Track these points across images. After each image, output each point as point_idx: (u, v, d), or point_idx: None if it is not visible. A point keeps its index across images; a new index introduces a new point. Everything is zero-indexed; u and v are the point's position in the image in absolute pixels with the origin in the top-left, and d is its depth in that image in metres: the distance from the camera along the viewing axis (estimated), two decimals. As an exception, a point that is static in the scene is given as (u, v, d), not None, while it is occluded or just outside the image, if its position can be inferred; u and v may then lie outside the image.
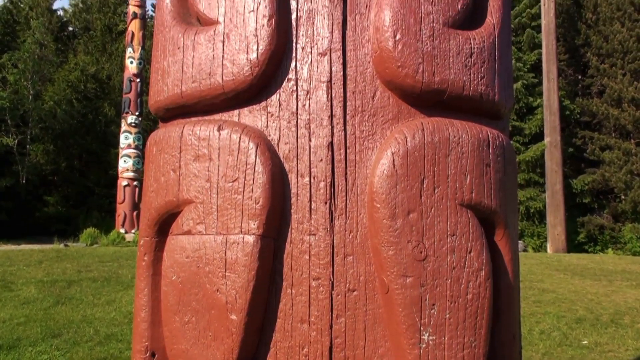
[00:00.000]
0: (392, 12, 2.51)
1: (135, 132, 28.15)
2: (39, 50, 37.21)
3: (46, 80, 38.75)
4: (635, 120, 29.35)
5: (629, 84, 29.70)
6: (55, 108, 37.10)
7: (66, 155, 38.13)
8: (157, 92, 2.77)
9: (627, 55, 30.21)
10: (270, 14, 2.55)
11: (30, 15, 41.30)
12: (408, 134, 2.44)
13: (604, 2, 31.98)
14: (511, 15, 3.14)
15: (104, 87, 40.78)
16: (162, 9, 2.85)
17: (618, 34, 30.38)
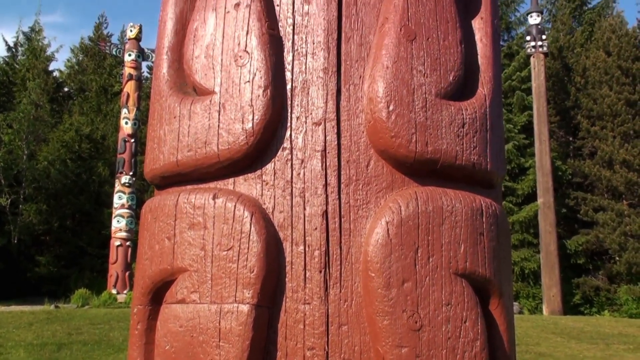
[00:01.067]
0: (386, 83, 2.57)
1: (128, 192, 28.16)
2: (34, 110, 37.53)
3: (41, 140, 38.95)
4: (627, 181, 29.58)
5: (619, 146, 30.05)
6: (49, 168, 37.18)
7: (59, 215, 37.99)
8: (153, 160, 2.79)
9: (616, 118, 30.68)
10: (266, 84, 2.60)
11: (27, 76, 41.79)
12: (402, 203, 2.45)
13: (592, 66, 32.65)
14: (502, 80, 3.21)
15: (98, 147, 40.98)
16: (159, 79, 2.90)
17: (607, 97, 30.92)
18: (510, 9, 38.65)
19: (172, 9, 3.03)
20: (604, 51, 32.60)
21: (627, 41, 32.24)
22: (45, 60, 44.43)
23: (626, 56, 31.57)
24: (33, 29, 45.94)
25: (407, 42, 2.64)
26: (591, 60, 33.11)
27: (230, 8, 2.75)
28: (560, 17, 37.21)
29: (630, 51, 31.73)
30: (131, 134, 29.26)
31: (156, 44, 3.05)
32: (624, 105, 30.56)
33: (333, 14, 2.73)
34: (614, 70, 31.46)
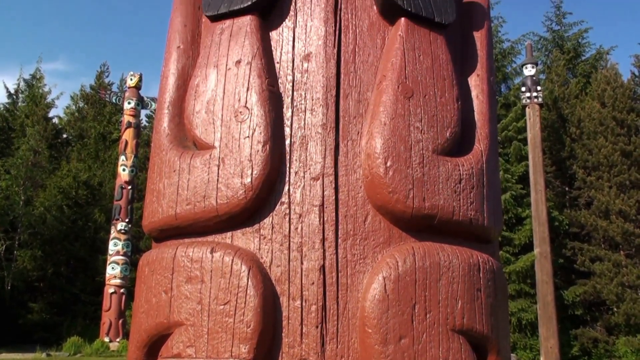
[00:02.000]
0: (383, 139, 2.60)
1: (124, 239, 28.02)
2: (32, 157, 37.62)
3: (38, 186, 38.94)
4: (624, 232, 29.55)
5: (615, 197, 30.11)
6: (46, 214, 37.06)
7: (54, 261, 37.72)
8: (152, 213, 2.80)
9: (612, 168, 30.82)
10: (265, 140, 2.63)
11: (26, 122, 42.00)
12: (399, 258, 2.46)
13: (587, 117, 32.94)
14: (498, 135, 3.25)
15: (95, 193, 40.95)
16: (159, 133, 2.93)
17: (602, 148, 31.11)
18: (507, 60, 39.16)
19: (174, 64, 3.09)
20: (598, 102, 32.92)
21: (621, 93, 32.58)
22: (45, 107, 44.72)
23: (621, 107, 31.86)
24: (34, 76, 46.39)
25: (405, 99, 2.69)
26: (586, 111, 33.41)
27: (232, 65, 2.81)
28: (555, 69, 37.68)
29: (625, 102, 32.04)
30: (128, 180, 29.28)
31: (157, 99, 3.10)
32: (619, 156, 30.72)
33: (332, 71, 2.79)
34: (609, 121, 31.71)
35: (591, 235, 32.17)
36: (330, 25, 2.88)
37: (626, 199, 30.28)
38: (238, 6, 2.89)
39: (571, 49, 39.73)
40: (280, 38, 2.92)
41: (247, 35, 2.85)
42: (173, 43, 3.18)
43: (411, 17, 2.86)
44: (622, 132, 31.61)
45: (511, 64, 39.13)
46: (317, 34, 2.87)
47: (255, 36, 2.84)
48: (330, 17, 2.90)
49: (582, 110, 34.10)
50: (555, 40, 40.62)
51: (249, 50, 2.81)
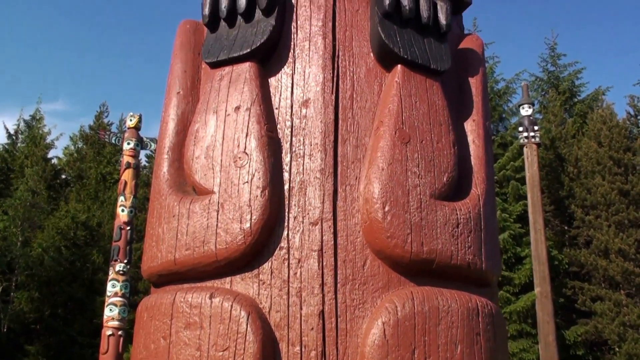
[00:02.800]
0: (381, 184, 2.63)
1: (122, 280, 27.74)
2: (31, 197, 37.59)
3: (36, 227, 38.82)
4: (624, 271, 29.42)
5: (614, 236, 30.06)
6: (43, 255, 36.86)
7: (51, 303, 37.40)
8: (151, 258, 2.81)
9: (610, 207, 30.82)
10: (264, 185, 2.65)
11: (26, 163, 42.06)
12: (398, 303, 2.47)
13: (584, 156, 33.08)
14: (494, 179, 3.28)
15: (93, 234, 40.82)
16: (159, 178, 2.96)
17: (600, 187, 31.17)
18: (503, 100, 39.46)
19: (174, 110, 3.13)
20: (595, 142, 33.11)
21: (617, 132, 32.79)
22: (44, 147, 44.86)
23: (617, 147, 32.03)
24: (34, 116, 46.62)
25: (402, 144, 2.72)
26: (583, 150, 33.58)
27: (231, 111, 2.85)
28: (551, 109, 37.97)
29: (621, 142, 32.23)
30: (127, 221, 29.13)
31: (157, 144, 3.14)
32: (617, 195, 30.77)
33: (330, 117, 2.83)
34: (606, 161, 31.84)
35: (591, 275, 32.04)
36: (328, 71, 2.94)
37: (625, 238, 30.22)
38: (237, 53, 2.95)
39: (567, 89, 40.12)
40: (279, 84, 2.97)
41: (247, 81, 2.90)
42: (173, 89, 3.23)
43: (407, 64, 2.91)
44: (619, 171, 31.71)
45: (507, 103, 39.45)
46: (315, 80, 2.93)
47: (255, 83, 2.89)
48: (328, 64, 2.95)
49: (579, 149, 34.27)
50: (550, 81, 41.03)
51: (248, 96, 2.86)
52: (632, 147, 32.48)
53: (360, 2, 3.14)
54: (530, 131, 29.30)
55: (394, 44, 2.90)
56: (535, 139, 29.26)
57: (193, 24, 3.40)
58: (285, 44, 3.05)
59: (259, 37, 2.94)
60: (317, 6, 3.10)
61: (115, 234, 28.89)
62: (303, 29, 3.06)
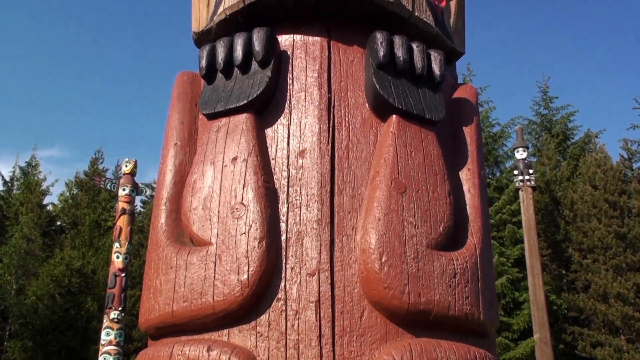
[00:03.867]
0: (378, 235, 2.63)
1: (117, 328, 27.39)
2: (25, 245, 37.38)
3: (30, 274, 38.51)
4: (624, 316, 29.21)
5: (612, 279, 29.94)
6: (37, 303, 36.50)
7: (44, 352, 36.86)
8: (148, 310, 2.80)
9: (607, 251, 30.76)
10: (261, 236, 2.66)
11: (20, 210, 41.93)
12: (396, 355, 2.45)
13: (580, 199, 33.16)
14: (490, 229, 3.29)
15: (88, 281, 40.48)
16: (156, 229, 2.96)
17: (596, 230, 31.16)
18: (498, 144, 39.72)
19: (172, 161, 3.15)
20: (590, 185, 33.22)
21: (612, 175, 32.94)
22: (39, 194, 44.78)
23: (612, 190, 32.15)
24: (30, 163, 46.71)
25: (398, 194, 2.74)
26: (578, 193, 33.68)
27: (228, 162, 2.87)
28: (545, 152, 38.19)
29: (616, 185, 32.35)
30: (122, 268, 28.91)
31: (155, 195, 3.15)
32: (614, 238, 30.74)
33: (326, 167, 2.85)
34: (602, 204, 31.91)
35: (591, 320, 31.79)
36: (324, 122, 2.97)
37: (623, 282, 30.09)
38: (234, 105, 2.98)
39: (560, 132, 40.43)
40: (276, 135, 3.00)
41: (243, 132, 2.92)
42: (170, 140, 3.25)
43: (402, 114, 2.94)
44: (615, 215, 31.75)
45: (502, 147, 39.68)
46: (311, 131, 2.95)
47: (251, 134, 2.92)
48: (324, 114, 2.99)
49: (574, 192, 34.37)
50: (544, 124, 41.38)
51: (245, 147, 2.88)
52: (627, 190, 32.59)
53: (355, 53, 3.20)
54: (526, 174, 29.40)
55: (389, 95, 2.94)
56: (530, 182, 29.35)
57: (190, 76, 3.44)
58: (282, 95, 3.09)
59: (256, 88, 2.98)
60: (313, 58, 3.15)
61: (110, 281, 28.63)
62: (299, 80, 3.11)
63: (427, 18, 3.29)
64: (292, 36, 3.24)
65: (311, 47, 3.18)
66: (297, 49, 3.19)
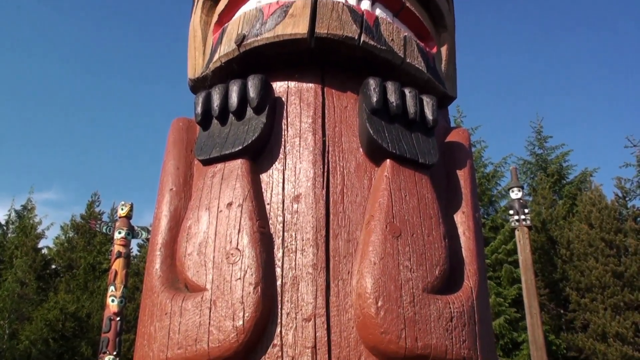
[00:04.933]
0: (374, 279, 2.63)
1: (111, 374, 27.13)
2: (19, 288, 37.08)
3: (24, 319, 38.12)
4: (623, 355, 28.94)
5: (611, 319, 29.76)
6: (31, 348, 36.03)
7: (37, 399, 36.31)
8: (142, 357, 2.77)
9: (605, 290, 30.64)
10: (257, 281, 2.65)
11: (15, 253, 41.71)
12: (394, 401, 2.43)
13: (576, 238, 33.13)
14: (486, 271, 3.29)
15: (82, 325, 40.06)
16: (151, 275, 2.95)
17: (594, 269, 31.08)
18: (492, 184, 39.84)
19: (167, 207, 3.16)
20: (586, 224, 33.25)
21: (607, 214, 32.99)
22: (35, 237, 44.60)
23: (608, 228, 32.17)
24: (25, 206, 46.62)
25: (393, 238, 2.75)
26: (574, 232, 33.68)
27: (223, 207, 2.88)
28: (541, 192, 38.30)
29: (612, 224, 32.38)
30: (117, 312, 28.71)
31: (150, 240, 3.15)
32: (611, 277, 30.65)
33: (321, 211, 2.86)
34: (598, 243, 31.89)
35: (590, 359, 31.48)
36: (319, 167, 2.99)
37: (622, 321, 29.91)
38: (229, 150, 3.01)
39: (555, 171, 40.58)
40: (271, 180, 3.02)
41: (238, 178, 2.94)
42: (166, 185, 3.27)
43: (396, 158, 2.97)
44: (611, 253, 31.71)
45: (496, 186, 39.79)
46: (306, 176, 2.98)
47: (246, 179, 2.94)
48: (318, 159, 3.02)
49: (570, 231, 34.37)
50: (538, 163, 41.57)
51: (240, 192, 2.90)
52: (622, 229, 32.60)
53: (348, 99, 3.24)
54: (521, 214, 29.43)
55: (383, 140, 2.97)
56: (526, 221, 29.36)
57: (186, 122, 3.48)
58: (276, 141, 3.12)
59: (251, 134, 3.01)
60: (307, 104, 3.20)
61: (105, 325, 28.39)
62: (293, 125, 3.14)
63: (419, 64, 3.35)
64: (287, 82, 3.29)
65: (305, 93, 3.23)
66: (292, 95, 3.24)
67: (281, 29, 3.19)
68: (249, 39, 3.25)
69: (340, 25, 3.18)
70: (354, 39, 3.18)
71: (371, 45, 3.20)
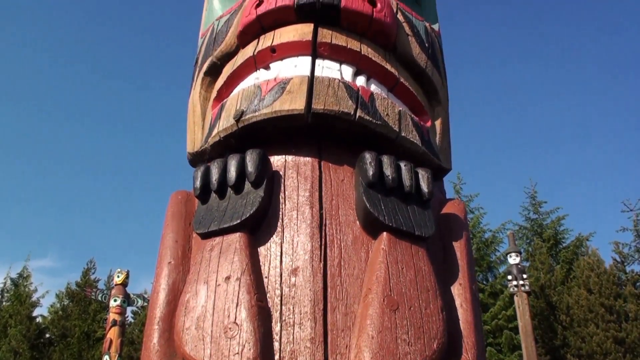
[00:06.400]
0: (372, 353, 2.63)
1: None
2: (13, 358, 36.41)
3: (17, 390, 37.31)
4: (626, 423, 28.37)
5: (614, 386, 29.29)
6: (22, 420, 35.19)
7: None
8: None
9: (607, 356, 30.17)
10: (254, 356, 2.65)
11: (9, 322, 41.15)
12: None
13: (575, 304, 32.85)
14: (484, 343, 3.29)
15: (75, 398, 39.19)
16: (149, 349, 2.94)
17: (594, 335, 30.70)
18: (490, 249, 39.74)
19: (165, 280, 3.17)
20: (585, 289, 33.02)
21: (606, 279, 32.82)
22: (29, 306, 44.12)
23: (607, 294, 31.94)
24: (21, 274, 46.27)
25: (391, 312, 2.76)
26: (574, 298, 33.41)
27: (221, 281, 2.90)
28: (538, 257, 38.15)
29: (611, 289, 32.18)
30: (111, 382, 28.18)
31: (148, 314, 3.15)
32: (612, 344, 30.24)
33: (319, 285, 2.88)
34: (598, 308, 31.61)
35: None
36: (316, 240, 3.03)
37: (626, 389, 29.38)
38: (227, 224, 3.04)
39: (551, 236, 40.53)
40: (269, 253, 3.05)
41: (237, 251, 2.97)
42: (164, 259, 3.28)
43: (393, 231, 3.01)
44: (612, 319, 31.39)
45: (495, 252, 39.68)
46: (303, 249, 3.01)
47: (244, 252, 2.96)
48: (315, 232, 3.05)
49: (569, 297, 34.12)
50: (534, 229, 41.53)
51: (238, 266, 2.92)
52: (622, 294, 32.39)
53: (345, 172, 3.31)
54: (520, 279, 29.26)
55: (379, 213, 3.02)
56: (525, 287, 29.16)
57: (184, 195, 3.52)
58: (274, 214, 3.16)
59: (249, 208, 3.05)
60: (304, 177, 3.26)
61: (99, 397, 27.77)
62: (291, 199, 3.19)
63: (414, 138, 3.43)
64: (284, 156, 3.36)
65: (302, 167, 3.29)
66: (289, 169, 3.30)
67: (279, 105, 3.28)
68: (247, 114, 3.33)
69: (337, 101, 3.27)
70: (350, 114, 3.26)
71: (367, 120, 3.29)
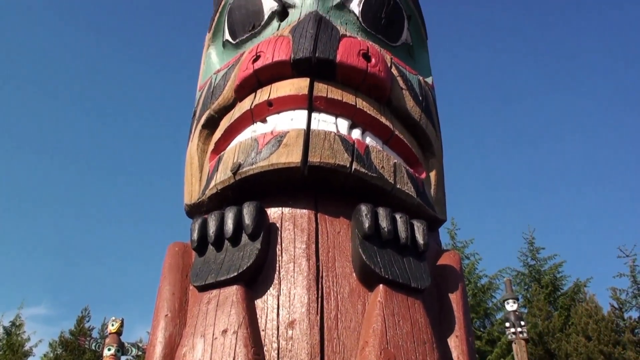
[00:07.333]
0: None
1: None
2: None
3: None
4: None
5: None
6: None
7: None
8: None
9: (609, 406, 29.84)
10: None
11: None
12: None
13: (574, 351, 32.50)
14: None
15: None
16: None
17: (594, 383, 30.41)
18: (487, 296, 39.51)
19: (162, 333, 3.17)
20: (583, 336, 32.75)
21: (604, 325, 32.60)
22: (22, 355, 43.45)
23: (606, 341, 31.68)
24: (14, 322, 45.67)
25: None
26: (572, 345, 33.09)
27: (218, 334, 2.89)
28: (536, 303, 37.91)
29: (610, 336, 31.93)
30: None
31: (144, 368, 3.14)
32: (613, 391, 29.95)
33: (316, 338, 2.88)
34: (597, 355, 31.29)
35: None
36: (313, 292, 3.04)
37: None
38: (224, 277, 3.05)
39: (549, 282, 40.33)
40: (265, 306, 3.05)
41: (233, 304, 2.98)
42: (161, 311, 3.29)
43: (389, 283, 3.03)
44: (611, 366, 31.05)
45: (491, 299, 39.43)
46: (300, 301, 3.02)
47: (241, 305, 2.97)
48: (312, 284, 3.06)
49: (568, 344, 33.78)
50: (532, 275, 41.35)
51: (235, 319, 2.92)
52: (620, 341, 32.11)
53: (341, 224, 3.34)
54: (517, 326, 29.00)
55: (375, 265, 3.04)
56: (522, 334, 28.90)
57: (182, 247, 3.54)
58: (271, 266, 3.18)
59: (246, 260, 3.07)
60: (301, 229, 3.28)
61: None
62: (288, 251, 3.21)
63: (409, 190, 3.48)
64: (281, 209, 3.39)
65: (299, 219, 3.32)
66: (286, 221, 3.33)
67: (275, 158, 3.33)
68: (244, 167, 3.37)
69: (332, 154, 3.32)
70: (346, 167, 3.31)
71: (362, 172, 3.33)
